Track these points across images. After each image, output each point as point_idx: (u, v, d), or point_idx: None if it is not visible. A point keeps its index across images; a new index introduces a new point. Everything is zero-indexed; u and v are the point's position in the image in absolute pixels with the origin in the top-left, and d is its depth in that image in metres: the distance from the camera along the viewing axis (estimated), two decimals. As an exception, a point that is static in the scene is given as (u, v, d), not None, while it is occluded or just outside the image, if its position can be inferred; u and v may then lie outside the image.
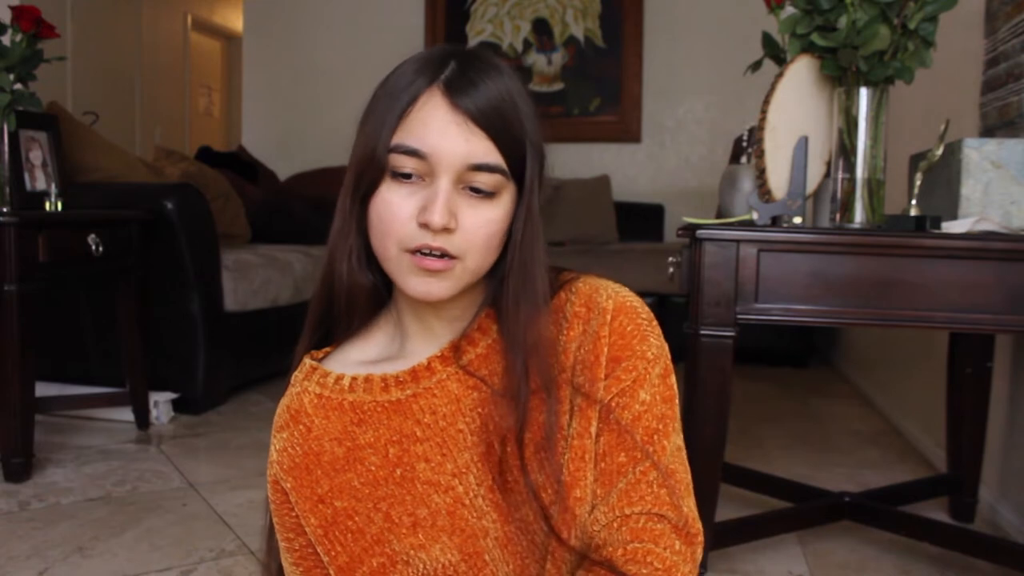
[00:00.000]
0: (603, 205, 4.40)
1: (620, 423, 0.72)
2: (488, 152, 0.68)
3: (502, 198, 0.70)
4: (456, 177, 0.68)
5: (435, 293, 0.69)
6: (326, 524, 0.74)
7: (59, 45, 3.03)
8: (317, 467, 0.75)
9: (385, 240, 0.70)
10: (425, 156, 0.67)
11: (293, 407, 0.77)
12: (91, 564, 1.65)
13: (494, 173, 0.68)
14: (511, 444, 0.72)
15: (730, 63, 3.62)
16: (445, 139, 0.67)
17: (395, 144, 0.68)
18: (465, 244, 0.68)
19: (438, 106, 0.68)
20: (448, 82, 0.68)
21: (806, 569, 1.68)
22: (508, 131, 0.69)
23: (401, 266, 0.69)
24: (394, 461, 0.74)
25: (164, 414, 2.70)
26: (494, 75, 0.69)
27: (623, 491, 0.70)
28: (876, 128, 1.36)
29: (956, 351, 1.90)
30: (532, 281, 0.72)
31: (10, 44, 2.20)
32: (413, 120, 0.68)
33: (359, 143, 0.71)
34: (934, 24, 1.31)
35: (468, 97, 0.67)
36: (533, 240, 0.72)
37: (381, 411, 0.75)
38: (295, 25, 5.02)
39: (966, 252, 1.26)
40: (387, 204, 0.69)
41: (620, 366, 0.73)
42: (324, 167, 4.57)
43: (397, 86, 0.70)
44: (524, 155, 0.70)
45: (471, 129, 0.67)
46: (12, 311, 2.08)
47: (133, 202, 2.63)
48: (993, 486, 1.97)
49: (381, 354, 0.78)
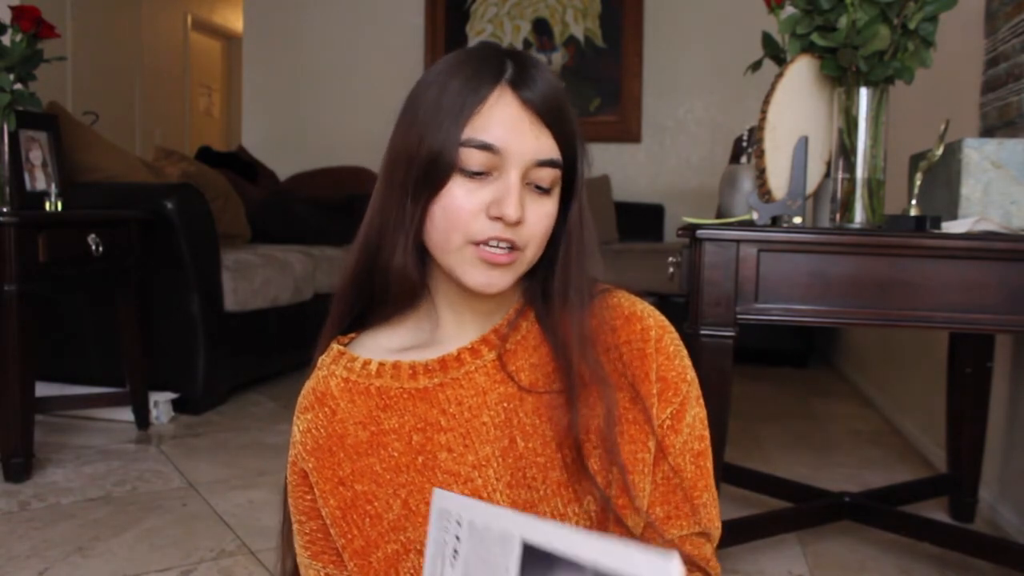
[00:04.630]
0: (603, 205, 4.40)
1: (672, 463, 0.77)
2: (552, 149, 0.71)
3: (554, 193, 0.73)
4: (524, 172, 0.70)
5: (496, 285, 0.71)
6: (345, 506, 0.74)
7: (59, 45, 3.04)
8: (340, 449, 0.75)
9: (451, 233, 0.70)
10: (499, 151, 0.69)
11: (319, 389, 0.78)
12: (91, 564, 1.65)
13: (555, 168, 0.71)
14: (533, 441, 0.73)
15: (730, 63, 3.62)
16: (517, 134, 0.69)
17: (467, 139, 0.69)
18: (529, 237, 0.71)
19: (509, 103, 0.70)
20: (514, 81, 0.70)
21: (806, 569, 1.68)
22: (566, 127, 0.72)
23: (463, 258, 0.71)
24: (417, 448, 0.74)
25: (164, 414, 2.70)
26: (548, 74, 0.73)
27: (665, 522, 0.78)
28: (876, 128, 1.36)
29: (956, 351, 1.90)
30: (585, 273, 0.76)
31: (10, 44, 2.20)
32: (484, 116, 0.69)
33: (415, 140, 0.71)
34: (934, 24, 1.31)
35: (533, 94, 0.70)
36: (588, 233, 0.76)
37: (407, 398, 0.75)
38: (295, 25, 5.02)
39: (966, 252, 1.25)
40: (455, 198, 0.70)
41: (669, 387, 0.77)
42: (324, 167, 4.57)
43: (459, 85, 0.70)
44: (575, 150, 0.74)
45: (539, 125, 0.70)
46: (12, 311, 2.08)
47: (133, 202, 2.63)
48: (993, 486, 1.97)
49: (410, 342, 0.79)
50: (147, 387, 2.62)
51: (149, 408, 2.64)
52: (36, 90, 2.30)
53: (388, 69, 4.76)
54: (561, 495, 0.72)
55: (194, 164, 3.55)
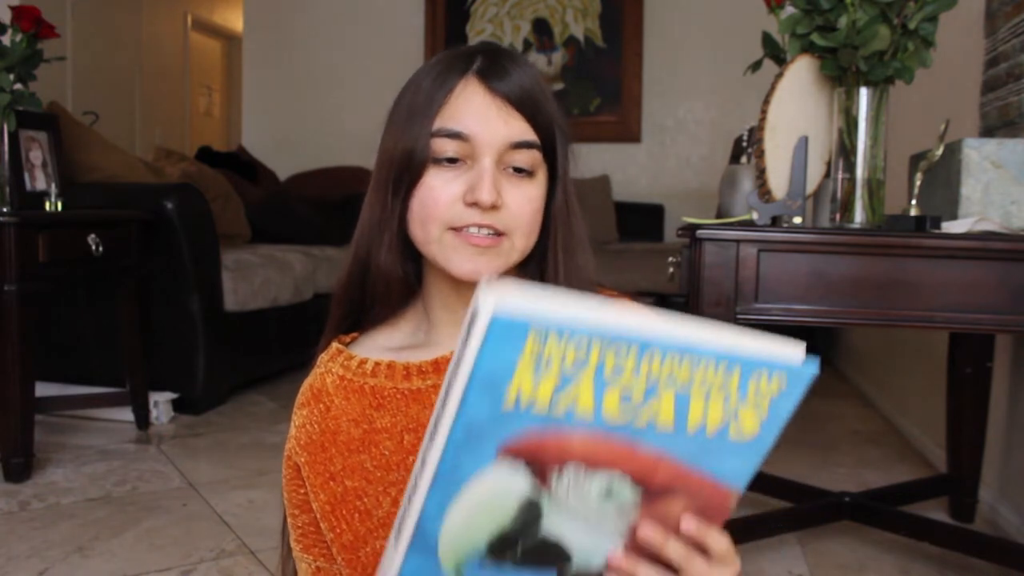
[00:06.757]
0: (603, 205, 4.40)
1: None
2: (525, 131, 0.71)
3: (539, 178, 0.73)
4: (498, 157, 0.70)
5: (483, 270, 0.70)
6: (335, 501, 0.75)
7: (59, 45, 3.04)
8: (332, 445, 0.76)
9: (428, 224, 0.71)
10: (468, 138, 0.70)
11: (315, 386, 0.79)
12: (91, 564, 1.65)
13: (532, 150, 0.71)
14: None
15: (730, 63, 3.62)
16: (485, 120, 0.70)
17: (437, 129, 0.70)
18: (512, 222, 0.71)
19: (475, 92, 0.71)
20: (481, 71, 0.72)
21: (806, 569, 1.68)
22: (541, 112, 0.72)
23: (445, 246, 0.71)
24: (408, 448, 0.74)
25: (164, 414, 2.70)
26: (521, 63, 0.74)
27: None
28: (876, 128, 1.36)
29: (956, 351, 1.90)
30: (574, 256, 0.76)
31: (10, 44, 2.20)
32: (452, 107, 0.71)
33: (392, 141, 0.73)
34: (934, 24, 1.31)
35: (502, 82, 0.71)
36: (574, 217, 0.76)
37: (400, 398, 0.76)
38: (295, 25, 5.02)
39: (966, 252, 1.25)
40: (431, 189, 0.71)
41: None
42: (324, 167, 4.57)
43: (429, 83, 0.73)
44: (555, 135, 0.74)
45: (509, 110, 0.71)
46: (12, 311, 2.08)
47: (133, 202, 2.63)
48: (993, 486, 1.97)
49: (407, 342, 0.79)
50: (147, 387, 2.62)
51: (149, 408, 2.64)
52: (36, 90, 2.30)
53: (388, 69, 4.75)
54: None
55: (194, 164, 3.55)
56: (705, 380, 0.49)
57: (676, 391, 0.49)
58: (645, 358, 0.48)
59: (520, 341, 0.45)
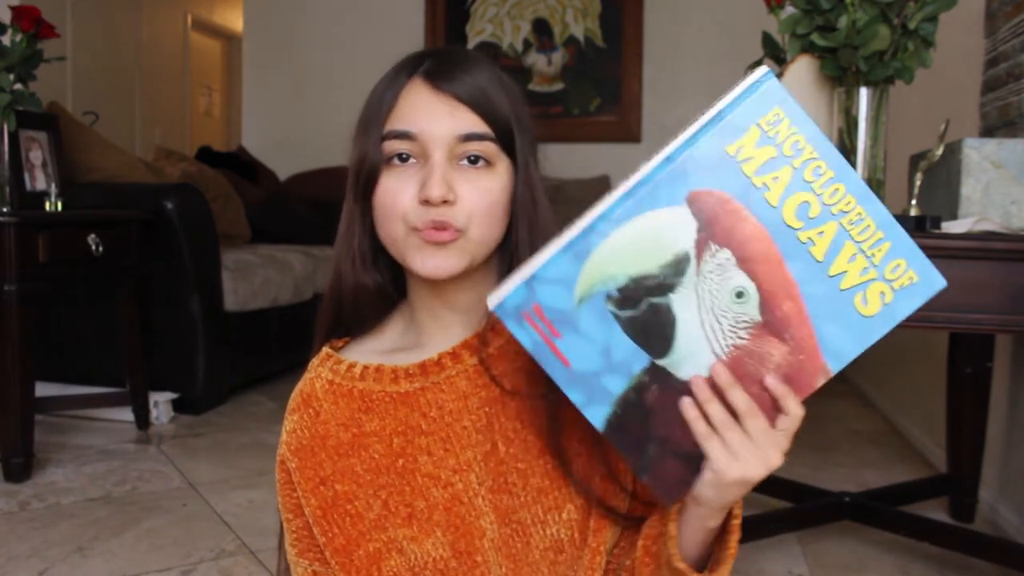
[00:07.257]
0: (603, 205, 4.39)
1: None
2: (475, 123, 0.71)
3: (498, 170, 0.72)
4: (448, 152, 0.70)
5: (444, 267, 0.70)
6: (325, 506, 0.75)
7: (59, 45, 3.03)
8: (322, 450, 0.76)
9: (389, 224, 0.71)
10: (415, 136, 0.70)
11: (305, 391, 0.79)
12: (91, 564, 1.65)
13: (484, 141, 0.71)
14: (514, 446, 0.73)
15: (730, 63, 3.62)
16: (431, 117, 0.70)
17: (387, 132, 0.71)
18: (467, 215, 0.70)
19: (420, 91, 0.71)
20: (428, 71, 0.72)
21: (806, 569, 1.68)
22: (491, 105, 0.71)
23: (408, 246, 0.71)
24: (397, 451, 0.74)
25: (164, 414, 2.70)
26: (472, 61, 0.74)
27: None
28: (876, 128, 1.36)
29: (956, 351, 1.90)
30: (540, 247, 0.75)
31: (10, 44, 2.20)
32: (400, 108, 0.71)
33: (352, 151, 0.74)
34: (934, 24, 1.31)
35: (448, 81, 0.71)
36: (538, 211, 0.74)
37: (389, 401, 0.76)
38: (295, 25, 5.02)
39: (966, 252, 1.25)
40: (387, 190, 0.71)
41: None
42: (324, 167, 4.57)
43: (381, 89, 0.74)
44: (511, 128, 0.73)
45: (455, 105, 0.70)
46: (12, 311, 2.08)
47: (133, 202, 2.63)
48: (993, 486, 1.97)
49: (397, 344, 0.79)
50: (147, 387, 2.62)
51: (149, 408, 2.65)
52: (36, 90, 2.30)
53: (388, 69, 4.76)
54: (542, 501, 0.72)
55: (194, 164, 3.55)
56: (863, 233, 0.56)
57: (839, 226, 0.56)
58: (833, 185, 0.55)
59: (766, 108, 0.54)
